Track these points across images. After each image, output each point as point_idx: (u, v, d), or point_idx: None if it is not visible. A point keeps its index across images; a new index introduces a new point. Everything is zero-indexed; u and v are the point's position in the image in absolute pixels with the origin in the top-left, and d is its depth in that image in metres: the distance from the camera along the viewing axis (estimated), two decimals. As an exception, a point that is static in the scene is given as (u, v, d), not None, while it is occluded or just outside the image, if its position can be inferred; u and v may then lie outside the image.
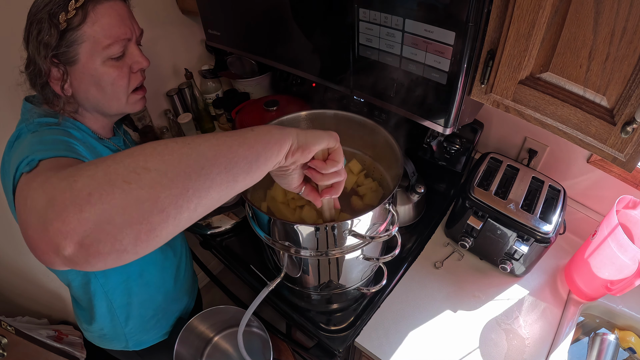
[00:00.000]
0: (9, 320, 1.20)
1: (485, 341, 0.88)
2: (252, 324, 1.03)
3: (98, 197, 0.33)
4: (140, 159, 0.35)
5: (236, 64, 1.37)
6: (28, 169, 0.49)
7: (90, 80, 0.70)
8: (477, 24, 0.60)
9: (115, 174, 0.34)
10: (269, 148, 0.45)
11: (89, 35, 0.66)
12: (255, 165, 0.43)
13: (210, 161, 0.38)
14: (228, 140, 0.41)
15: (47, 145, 0.57)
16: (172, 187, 0.35)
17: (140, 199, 0.34)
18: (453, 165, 1.13)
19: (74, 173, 0.34)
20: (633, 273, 0.78)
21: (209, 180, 0.38)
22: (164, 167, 0.35)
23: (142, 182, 0.34)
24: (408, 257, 1.05)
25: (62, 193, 0.33)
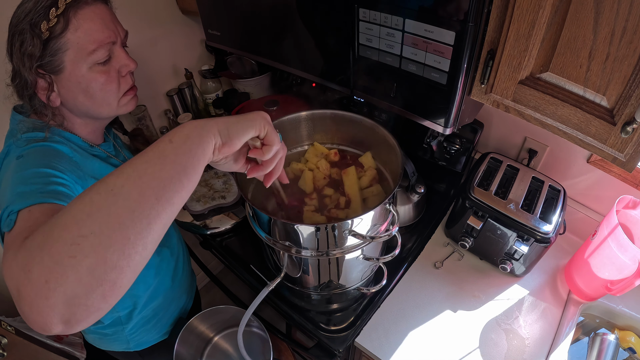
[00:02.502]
0: (9, 320, 1.20)
1: (485, 341, 0.88)
2: (252, 324, 1.03)
3: (55, 282, 0.35)
4: (73, 229, 0.36)
5: (236, 64, 1.37)
6: (7, 229, 0.49)
7: (77, 87, 0.69)
8: (477, 24, 0.60)
9: (58, 253, 0.35)
10: (192, 155, 0.44)
11: (73, 42, 0.64)
12: (185, 178, 0.42)
13: (137, 201, 0.38)
14: (148, 167, 0.40)
15: (26, 186, 0.56)
16: (113, 244, 0.36)
17: (90, 267, 0.35)
18: (453, 165, 1.13)
19: (26, 260, 0.36)
20: (633, 273, 0.78)
21: (145, 219, 0.38)
22: (97, 227, 0.36)
23: (84, 251, 0.35)
24: (408, 257, 1.05)
25: (24, 286, 0.35)
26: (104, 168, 0.78)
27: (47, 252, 0.36)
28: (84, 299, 0.36)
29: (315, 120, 0.95)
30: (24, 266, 0.36)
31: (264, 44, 0.95)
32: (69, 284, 0.35)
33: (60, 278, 0.35)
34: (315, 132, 0.97)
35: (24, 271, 0.36)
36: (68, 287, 0.35)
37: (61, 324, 0.36)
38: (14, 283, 0.36)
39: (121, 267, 0.37)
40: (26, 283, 0.35)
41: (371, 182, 0.89)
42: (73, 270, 0.35)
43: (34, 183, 0.57)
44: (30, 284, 0.35)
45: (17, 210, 0.51)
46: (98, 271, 0.36)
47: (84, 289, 0.35)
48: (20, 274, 0.36)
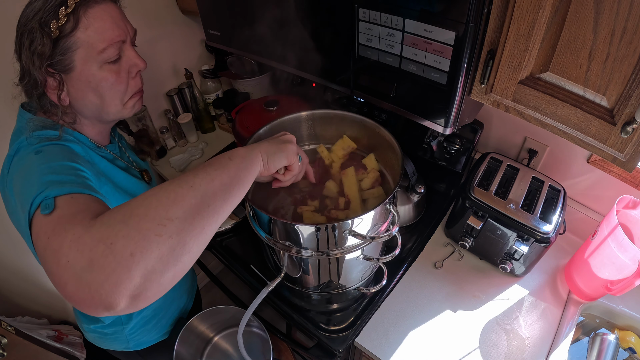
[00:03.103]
0: (9, 320, 1.20)
1: (485, 341, 0.88)
2: (252, 324, 1.03)
3: (140, 255, 0.38)
4: (160, 210, 0.41)
5: (236, 64, 1.37)
6: (47, 211, 0.47)
7: (87, 86, 0.68)
8: (477, 24, 0.60)
9: (146, 230, 0.39)
10: (247, 171, 0.56)
11: (83, 40, 0.64)
12: (242, 187, 0.54)
13: (212, 198, 0.47)
14: (217, 175, 0.50)
15: (57, 176, 0.55)
16: (193, 229, 0.43)
17: (172, 247, 0.40)
18: (453, 165, 1.13)
19: (107, 233, 0.39)
20: (633, 273, 0.78)
21: (216, 213, 0.47)
22: (182, 214, 0.42)
23: (170, 231, 0.40)
24: (408, 257, 1.05)
25: (103, 257, 0.37)
26: (112, 169, 0.78)
27: (133, 227, 0.39)
28: (159, 276, 0.39)
29: (315, 120, 0.95)
30: (104, 239, 0.38)
31: (264, 44, 0.95)
32: (152, 259, 0.38)
33: (145, 252, 0.38)
34: (316, 132, 0.97)
35: (104, 243, 0.38)
36: (150, 262, 0.38)
37: (129, 297, 0.38)
38: (85, 256, 0.37)
39: (193, 251, 0.43)
40: (107, 254, 0.37)
41: (373, 184, 0.89)
42: (157, 247, 0.39)
43: (66, 174, 0.57)
44: (112, 255, 0.37)
45: (54, 196, 0.49)
46: (177, 252, 0.40)
47: (162, 266, 0.39)
48: (98, 245, 0.38)
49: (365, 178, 0.89)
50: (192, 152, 1.46)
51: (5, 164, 0.64)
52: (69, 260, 0.38)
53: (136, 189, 0.82)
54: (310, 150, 1.00)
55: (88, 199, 0.51)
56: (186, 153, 1.46)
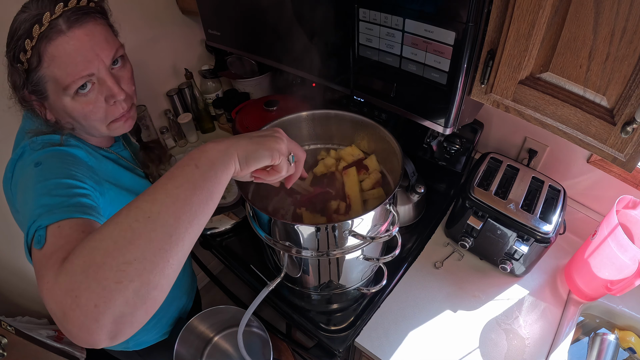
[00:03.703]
0: (9, 320, 1.20)
1: (485, 341, 0.88)
2: (252, 324, 1.03)
3: (104, 306, 0.37)
4: (117, 255, 0.39)
5: (236, 64, 1.37)
6: (39, 247, 0.48)
7: (64, 113, 0.67)
8: (477, 24, 0.60)
9: (105, 279, 0.38)
10: (217, 181, 0.47)
11: (49, 76, 0.62)
12: (211, 201, 0.46)
13: (174, 226, 0.41)
14: (180, 193, 0.43)
15: (51, 198, 0.54)
16: (155, 267, 0.40)
17: (135, 290, 0.38)
18: (453, 165, 1.13)
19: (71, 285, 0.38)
20: (633, 273, 0.78)
21: (181, 241, 0.42)
22: (140, 254, 0.39)
23: (130, 276, 0.38)
24: (408, 257, 1.05)
25: (71, 310, 0.37)
26: (116, 170, 0.77)
27: (93, 278, 0.38)
28: (130, 317, 0.39)
29: (315, 120, 0.95)
30: (69, 291, 0.38)
31: (264, 44, 0.95)
32: (117, 306, 0.38)
33: (109, 302, 0.37)
34: (316, 132, 0.97)
35: (70, 296, 0.38)
36: (116, 309, 0.38)
37: (108, 339, 0.39)
38: (59, 307, 0.38)
39: (162, 285, 0.41)
40: (74, 307, 0.37)
41: (374, 185, 0.89)
42: (120, 294, 0.38)
43: (58, 195, 0.56)
44: (79, 308, 0.37)
45: (45, 225, 0.50)
46: (142, 292, 0.39)
47: (131, 309, 0.39)
48: (66, 298, 0.38)
49: (367, 179, 0.89)
50: (192, 152, 1.46)
51: (9, 166, 0.64)
52: (51, 308, 0.39)
53: (143, 188, 0.82)
54: (310, 150, 1.00)
55: (75, 225, 0.51)
56: (186, 153, 1.45)
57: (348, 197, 0.86)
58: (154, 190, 0.43)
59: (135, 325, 0.40)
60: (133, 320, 0.39)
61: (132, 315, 0.39)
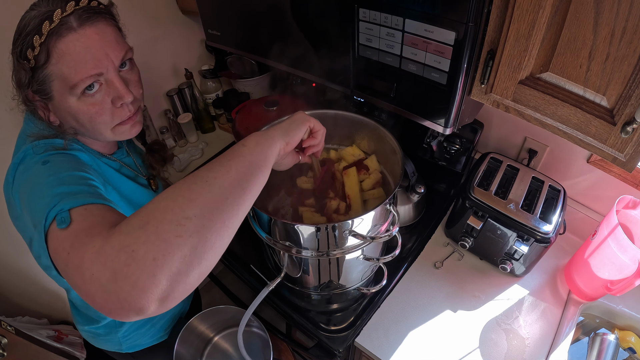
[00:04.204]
0: (9, 320, 1.20)
1: (485, 341, 0.88)
2: (252, 324, 1.03)
3: (163, 259, 0.37)
4: (177, 211, 0.40)
5: (236, 64, 1.37)
6: (64, 225, 0.46)
7: (68, 115, 0.65)
8: (477, 24, 0.60)
9: (165, 233, 0.38)
10: (264, 155, 0.53)
11: (56, 74, 0.60)
12: (260, 173, 0.51)
13: (229, 190, 0.45)
14: (233, 164, 0.48)
15: (68, 187, 0.53)
16: (213, 225, 0.42)
17: (194, 246, 0.39)
18: (453, 165, 1.13)
19: (127, 241, 0.38)
20: (633, 273, 0.78)
21: (236, 205, 0.45)
22: (199, 211, 0.41)
23: (190, 231, 0.39)
24: (408, 257, 1.05)
25: (126, 266, 0.37)
26: (118, 178, 0.76)
27: (152, 232, 0.38)
28: (185, 276, 0.39)
29: (315, 120, 0.95)
30: (125, 247, 0.38)
31: (264, 44, 0.95)
32: (175, 261, 0.38)
33: (168, 255, 0.37)
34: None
35: (125, 252, 0.37)
36: (174, 264, 0.38)
37: (158, 301, 0.38)
38: (109, 267, 0.37)
39: (216, 247, 0.42)
40: (130, 262, 0.37)
41: (374, 185, 0.89)
42: (179, 248, 0.38)
43: (76, 184, 0.55)
44: (135, 263, 0.37)
45: (68, 208, 0.48)
46: (199, 250, 0.40)
47: (187, 266, 0.39)
48: (120, 255, 0.37)
49: (367, 179, 0.89)
50: (192, 152, 1.46)
51: (10, 171, 0.62)
52: (93, 274, 0.38)
53: (142, 199, 0.81)
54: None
55: (102, 209, 0.50)
56: (186, 153, 1.46)
57: (348, 197, 0.86)
58: (210, 163, 0.47)
59: (187, 288, 0.40)
60: (187, 280, 0.39)
61: (187, 275, 0.39)
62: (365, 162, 0.92)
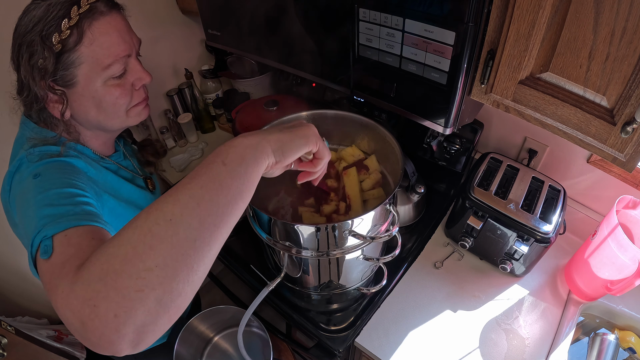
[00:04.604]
0: (9, 320, 1.20)
1: (485, 341, 0.88)
2: (252, 324, 1.03)
3: (124, 315, 0.35)
4: (137, 262, 0.36)
5: (236, 64, 1.37)
6: (46, 256, 0.46)
7: (90, 102, 0.65)
8: (477, 24, 0.60)
9: (125, 288, 0.35)
10: (247, 178, 0.43)
11: (87, 56, 0.60)
12: (241, 201, 0.43)
13: (198, 229, 0.38)
14: (205, 194, 0.39)
15: (54, 209, 0.53)
16: (178, 274, 0.37)
17: (158, 298, 0.36)
18: (453, 165, 1.13)
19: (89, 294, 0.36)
20: (633, 273, 0.78)
21: (206, 246, 0.39)
22: (161, 260, 0.36)
23: (151, 284, 0.36)
24: (408, 257, 1.05)
25: (90, 320, 0.35)
26: (116, 181, 0.76)
27: (112, 287, 0.35)
28: (152, 326, 0.37)
29: (315, 120, 0.95)
30: (87, 300, 0.36)
31: (264, 44, 0.95)
32: (139, 316, 0.36)
33: (129, 311, 0.35)
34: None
35: (88, 306, 0.36)
36: (137, 318, 0.36)
37: (130, 348, 0.37)
38: (76, 316, 0.36)
39: (186, 292, 0.38)
40: (93, 317, 0.35)
41: (374, 185, 0.89)
42: (141, 303, 0.36)
43: (61, 204, 0.54)
44: (98, 319, 0.35)
45: (51, 235, 0.48)
46: (165, 300, 0.36)
47: (153, 318, 0.36)
48: (84, 308, 0.36)
49: (367, 179, 0.89)
50: (192, 152, 1.46)
51: (6, 179, 0.62)
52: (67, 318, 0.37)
53: (141, 200, 0.81)
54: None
55: (83, 234, 0.49)
56: (186, 153, 1.46)
57: (348, 197, 0.86)
58: (176, 190, 0.40)
59: (157, 333, 0.38)
60: (155, 328, 0.37)
61: (155, 324, 0.37)
62: (365, 162, 0.92)
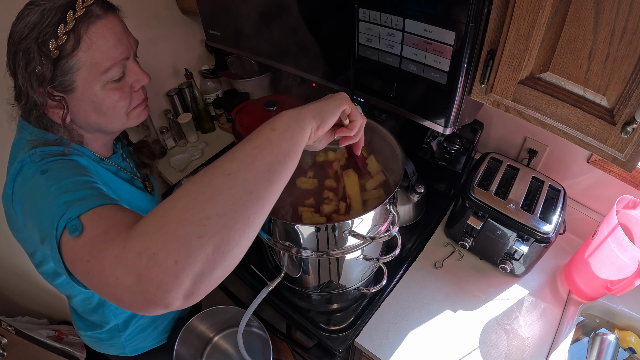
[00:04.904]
0: (9, 320, 1.20)
1: (485, 341, 0.88)
2: (252, 324, 1.03)
3: (184, 262, 0.36)
4: (197, 211, 0.38)
5: (236, 64, 1.37)
6: (77, 233, 0.45)
7: (90, 106, 0.65)
8: (477, 24, 0.60)
9: (186, 235, 0.37)
10: (294, 141, 0.48)
11: (85, 61, 0.59)
12: (289, 161, 0.47)
13: (253, 182, 0.42)
14: (259, 153, 0.44)
15: (72, 194, 0.52)
16: (236, 223, 0.39)
17: (216, 245, 0.38)
18: (453, 165, 1.13)
19: (147, 244, 0.37)
20: (633, 273, 0.78)
21: (261, 199, 0.42)
22: (221, 209, 0.39)
23: (212, 231, 0.38)
24: (408, 257, 1.05)
25: (148, 269, 0.36)
26: (115, 181, 0.76)
27: (172, 234, 0.37)
28: (208, 275, 0.38)
29: (315, 120, 0.95)
30: (145, 250, 0.37)
31: (264, 44, 0.95)
32: (198, 263, 0.37)
33: (189, 257, 0.36)
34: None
35: (146, 255, 0.37)
36: (197, 265, 0.37)
37: (183, 298, 0.38)
38: (131, 270, 0.37)
39: (241, 244, 0.40)
40: (152, 265, 0.36)
41: (377, 186, 0.89)
42: (201, 249, 0.37)
43: (80, 189, 0.53)
44: (157, 266, 0.36)
45: (77, 215, 0.47)
46: (223, 249, 0.38)
47: (210, 266, 0.38)
48: (141, 258, 0.37)
49: (370, 180, 0.89)
50: (192, 152, 1.46)
51: (8, 182, 0.61)
52: (117, 277, 0.38)
53: (139, 202, 0.80)
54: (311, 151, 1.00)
55: (112, 209, 0.49)
56: (186, 153, 1.46)
57: (348, 197, 0.86)
58: (232, 151, 0.43)
59: (212, 284, 0.39)
60: (211, 278, 0.38)
61: (211, 273, 0.38)
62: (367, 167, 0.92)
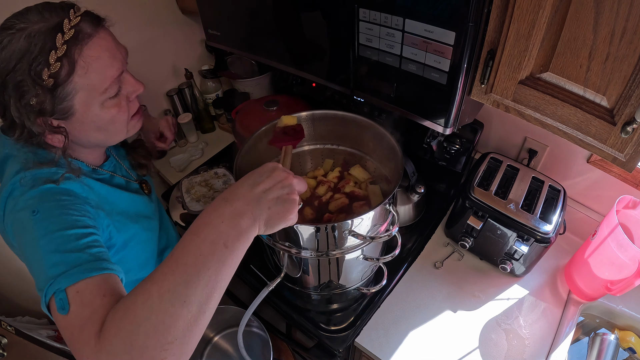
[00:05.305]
0: (9, 320, 1.20)
1: (485, 341, 0.88)
2: (252, 324, 1.03)
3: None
4: (159, 338, 0.43)
5: (236, 64, 1.37)
6: (64, 313, 0.48)
7: (91, 126, 0.63)
8: (477, 24, 0.60)
9: (151, 358, 0.42)
10: (243, 251, 0.53)
11: (83, 84, 0.57)
12: (234, 268, 0.52)
13: (206, 303, 0.47)
14: (212, 275, 0.47)
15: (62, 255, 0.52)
16: (193, 337, 0.47)
17: (177, 357, 0.44)
18: (453, 165, 1.13)
19: None
20: (633, 273, 0.78)
21: (210, 312, 0.48)
22: (181, 332, 0.44)
23: (172, 350, 0.43)
24: (408, 257, 1.05)
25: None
26: (111, 192, 0.73)
27: (139, 358, 0.41)
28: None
29: (315, 121, 0.95)
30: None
31: (264, 44, 0.95)
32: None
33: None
34: (315, 132, 0.97)
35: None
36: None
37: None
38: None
39: (195, 342, 0.47)
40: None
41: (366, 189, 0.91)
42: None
43: (68, 250, 0.53)
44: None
45: (64, 288, 0.49)
46: (184, 350, 0.45)
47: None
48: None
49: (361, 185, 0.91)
50: (192, 152, 1.46)
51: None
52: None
53: (137, 207, 0.79)
54: (309, 150, 1.00)
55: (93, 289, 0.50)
56: (186, 153, 1.46)
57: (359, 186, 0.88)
58: (189, 271, 0.45)
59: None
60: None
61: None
62: (351, 171, 0.95)
